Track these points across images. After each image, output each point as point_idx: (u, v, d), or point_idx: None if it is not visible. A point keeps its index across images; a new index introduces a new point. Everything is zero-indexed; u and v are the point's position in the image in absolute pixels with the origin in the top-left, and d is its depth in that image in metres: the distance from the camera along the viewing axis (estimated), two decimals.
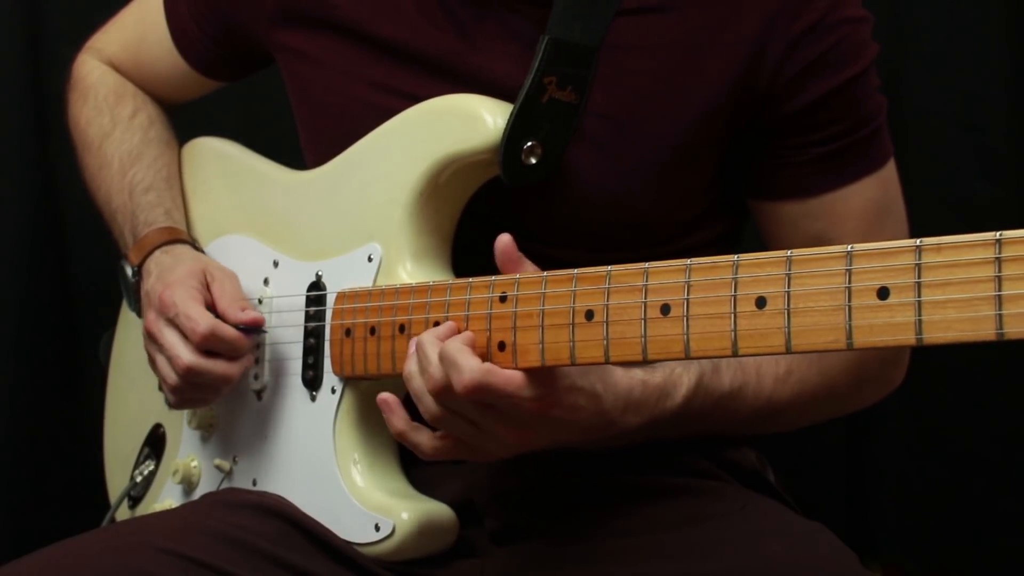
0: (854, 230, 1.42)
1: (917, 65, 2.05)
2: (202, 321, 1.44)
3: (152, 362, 1.53)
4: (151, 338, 1.50)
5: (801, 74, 1.36)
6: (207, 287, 1.50)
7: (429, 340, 1.24)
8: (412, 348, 1.26)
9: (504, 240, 1.24)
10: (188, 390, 1.49)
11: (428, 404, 1.24)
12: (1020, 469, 2.06)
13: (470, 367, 1.18)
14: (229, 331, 1.45)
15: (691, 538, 1.34)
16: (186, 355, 1.45)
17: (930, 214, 1.73)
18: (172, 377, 1.48)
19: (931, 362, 1.96)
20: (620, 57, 1.37)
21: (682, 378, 1.34)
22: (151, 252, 1.59)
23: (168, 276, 1.51)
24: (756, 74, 1.36)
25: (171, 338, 1.47)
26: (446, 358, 1.20)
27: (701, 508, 1.39)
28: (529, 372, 1.20)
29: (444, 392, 1.21)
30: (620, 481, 1.43)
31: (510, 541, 1.42)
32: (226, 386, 1.49)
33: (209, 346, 1.45)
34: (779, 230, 1.45)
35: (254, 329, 1.47)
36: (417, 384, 1.25)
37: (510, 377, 1.19)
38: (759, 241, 1.49)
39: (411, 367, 1.25)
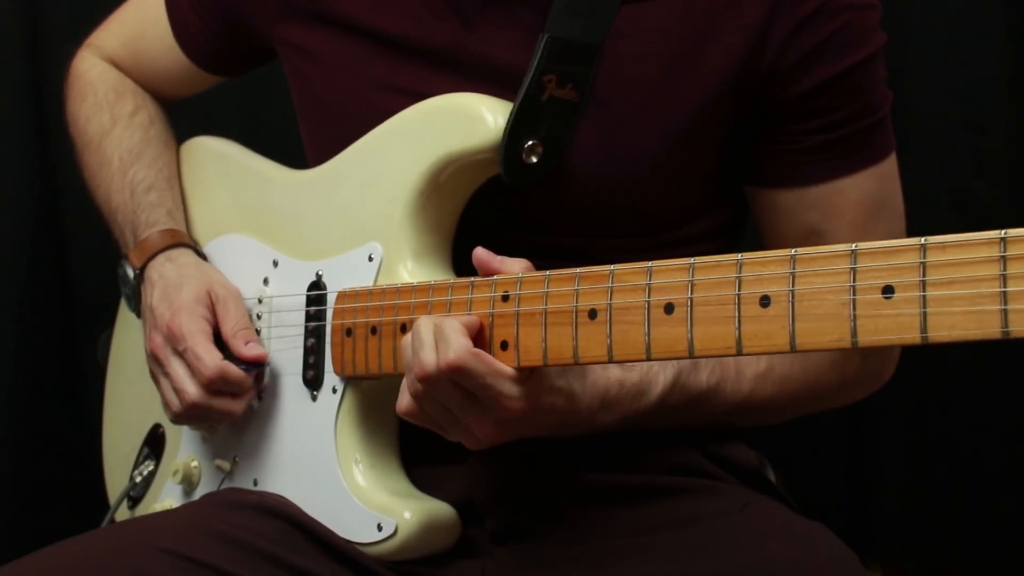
0: (849, 224, 1.41)
1: (917, 65, 2.04)
2: (210, 363, 1.45)
3: (155, 380, 1.54)
4: (157, 362, 1.51)
5: (803, 59, 1.35)
6: (212, 310, 1.51)
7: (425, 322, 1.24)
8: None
9: (478, 254, 1.26)
10: (190, 418, 1.52)
11: (411, 382, 1.24)
12: (1020, 469, 2.06)
13: (457, 345, 1.19)
14: (235, 372, 1.46)
15: (692, 538, 1.34)
16: (192, 391, 1.47)
17: (929, 213, 1.72)
18: (176, 406, 1.49)
19: (931, 361, 1.96)
20: (623, 45, 1.36)
21: (659, 376, 1.35)
22: (153, 256, 1.59)
23: (174, 298, 1.52)
24: (759, 59, 1.35)
25: (178, 370, 1.48)
26: (439, 332, 1.21)
27: (702, 508, 1.38)
28: (517, 371, 1.20)
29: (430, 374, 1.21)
30: (621, 481, 1.42)
31: (511, 541, 1.42)
32: (228, 419, 1.50)
33: (215, 387, 1.46)
34: (774, 219, 1.45)
35: (257, 365, 1.48)
36: (406, 361, 1.25)
37: (500, 368, 1.20)
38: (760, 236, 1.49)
39: (404, 340, 1.25)
